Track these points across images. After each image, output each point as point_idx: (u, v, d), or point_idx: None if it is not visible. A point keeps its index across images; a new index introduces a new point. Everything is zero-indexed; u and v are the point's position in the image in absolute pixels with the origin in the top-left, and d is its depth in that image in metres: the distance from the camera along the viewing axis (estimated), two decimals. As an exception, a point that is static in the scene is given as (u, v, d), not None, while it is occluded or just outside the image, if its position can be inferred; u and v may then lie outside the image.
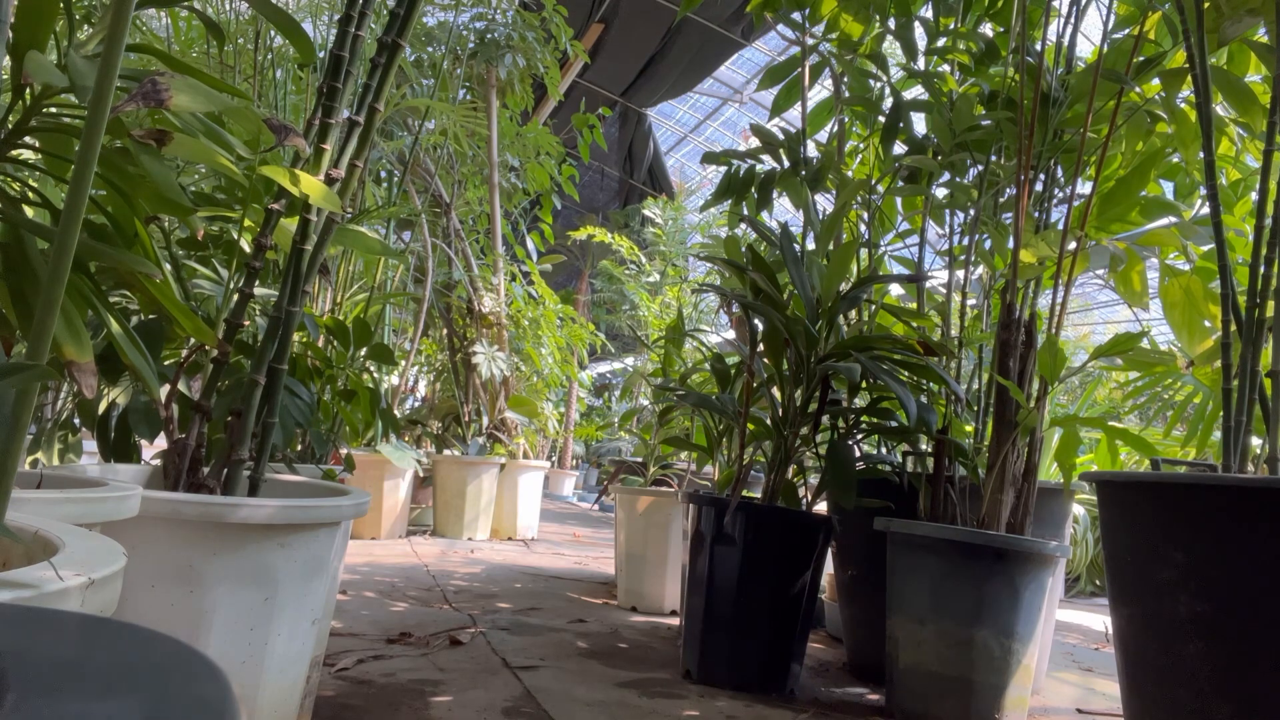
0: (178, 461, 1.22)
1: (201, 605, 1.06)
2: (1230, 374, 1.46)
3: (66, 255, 0.48)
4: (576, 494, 9.29)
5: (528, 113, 5.01)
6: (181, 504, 1.06)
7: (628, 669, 1.91)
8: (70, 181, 0.49)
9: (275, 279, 1.72)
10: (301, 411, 1.60)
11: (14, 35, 0.91)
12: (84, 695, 0.25)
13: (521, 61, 4.51)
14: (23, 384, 0.49)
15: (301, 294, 1.30)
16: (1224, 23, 1.67)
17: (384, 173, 4.34)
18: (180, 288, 1.48)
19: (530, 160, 4.78)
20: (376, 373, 3.31)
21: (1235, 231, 1.95)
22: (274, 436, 1.31)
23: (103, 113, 0.49)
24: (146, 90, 0.85)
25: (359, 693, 1.54)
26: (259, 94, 3.24)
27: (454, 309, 4.58)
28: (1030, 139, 1.91)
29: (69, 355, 0.88)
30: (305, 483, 1.48)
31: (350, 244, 1.73)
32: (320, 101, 1.31)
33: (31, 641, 0.31)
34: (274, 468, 1.54)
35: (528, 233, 5.24)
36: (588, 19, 6.34)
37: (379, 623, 2.12)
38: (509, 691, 1.62)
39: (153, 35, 3.18)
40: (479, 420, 4.50)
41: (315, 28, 3.58)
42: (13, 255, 0.95)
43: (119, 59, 0.49)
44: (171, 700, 0.26)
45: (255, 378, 1.25)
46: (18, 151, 1.06)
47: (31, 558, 0.55)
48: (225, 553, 1.07)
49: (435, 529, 4.23)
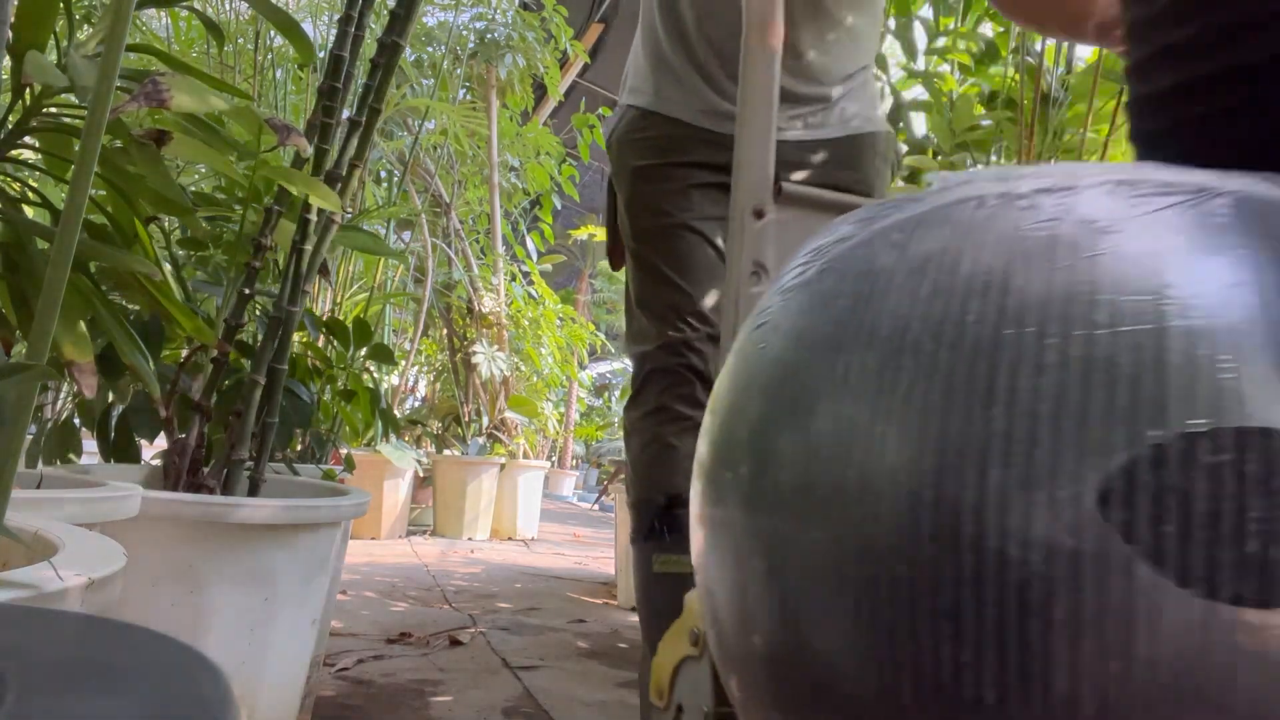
0: (178, 461, 1.22)
1: (201, 605, 1.06)
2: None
3: (66, 255, 0.48)
4: (576, 494, 9.29)
5: (528, 113, 5.01)
6: (182, 504, 1.06)
7: (628, 669, 1.91)
8: (70, 181, 0.49)
9: (275, 279, 1.72)
10: (301, 411, 1.60)
11: (14, 35, 0.91)
12: (84, 695, 0.25)
13: (521, 61, 4.51)
14: (23, 384, 0.49)
15: (301, 294, 1.30)
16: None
17: (384, 173, 4.34)
18: (180, 288, 1.48)
19: (530, 160, 4.78)
20: (376, 373, 3.31)
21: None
22: (274, 436, 1.31)
23: (103, 113, 0.49)
24: (147, 91, 0.85)
25: (359, 693, 1.54)
26: (259, 94, 3.24)
27: (454, 309, 4.58)
28: (1030, 139, 1.91)
29: (69, 355, 0.88)
30: (305, 483, 1.48)
31: (350, 244, 1.72)
32: (320, 101, 1.31)
33: (31, 641, 0.31)
34: (274, 468, 1.54)
35: (528, 233, 5.24)
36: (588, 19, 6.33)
37: (379, 623, 2.13)
38: (509, 691, 1.62)
39: (153, 35, 3.19)
40: (479, 420, 4.50)
41: (315, 28, 3.58)
42: (13, 255, 0.95)
43: (119, 59, 0.49)
44: (171, 700, 0.26)
45: (255, 378, 1.25)
46: (18, 151, 1.06)
47: (31, 558, 0.55)
48: (225, 553, 1.07)
49: (435, 529, 4.23)
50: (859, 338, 0.38)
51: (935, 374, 0.35)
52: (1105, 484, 0.31)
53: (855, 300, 0.39)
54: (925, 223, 0.40)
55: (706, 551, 0.46)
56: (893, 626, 0.35)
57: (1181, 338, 0.32)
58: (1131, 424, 0.31)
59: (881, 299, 0.38)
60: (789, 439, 0.40)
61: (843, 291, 0.40)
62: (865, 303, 0.39)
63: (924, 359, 0.35)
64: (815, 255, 0.44)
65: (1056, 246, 0.35)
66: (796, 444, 0.39)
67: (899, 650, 0.35)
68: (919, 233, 0.39)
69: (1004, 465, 0.32)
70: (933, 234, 0.39)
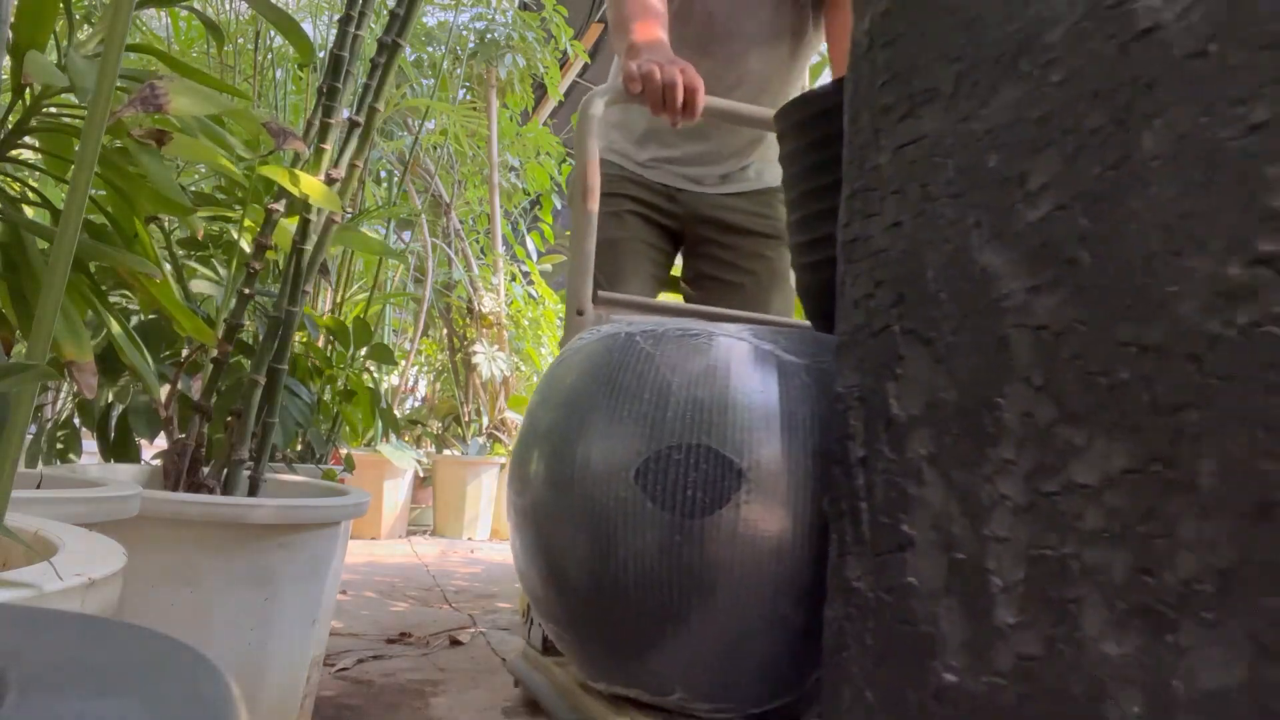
0: (178, 461, 1.22)
1: (202, 605, 1.06)
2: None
3: (66, 255, 0.48)
4: (576, 494, 9.28)
5: (528, 113, 5.01)
6: (182, 504, 1.06)
7: (628, 669, 1.91)
8: (70, 181, 0.49)
9: (275, 279, 1.72)
10: (301, 411, 1.60)
11: (14, 35, 0.91)
12: (84, 695, 0.25)
13: (521, 61, 4.51)
14: (23, 384, 0.49)
15: (301, 294, 1.30)
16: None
17: (384, 173, 4.34)
18: (180, 288, 1.48)
19: (530, 160, 4.78)
20: (376, 373, 3.31)
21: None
22: (274, 436, 1.31)
23: (103, 113, 0.49)
24: (145, 95, 0.85)
25: (359, 693, 1.54)
26: (259, 94, 3.24)
27: (454, 309, 4.58)
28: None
29: (69, 355, 0.88)
30: (305, 483, 1.48)
31: (350, 244, 1.73)
32: (320, 101, 1.31)
33: (31, 641, 0.31)
34: (274, 468, 1.54)
35: (528, 233, 5.24)
36: (588, 19, 6.33)
37: (379, 623, 2.13)
38: (509, 691, 1.62)
39: (153, 35, 3.19)
40: (479, 420, 4.50)
41: (315, 28, 3.58)
42: (13, 255, 0.95)
43: (119, 59, 0.49)
44: (171, 700, 0.26)
45: (255, 378, 1.25)
46: (18, 151, 1.06)
47: (31, 558, 0.55)
48: (225, 553, 1.07)
49: (435, 529, 4.23)
50: (603, 389, 0.77)
51: (582, 417, 0.77)
52: (638, 470, 0.72)
53: (596, 367, 0.79)
54: (631, 338, 0.81)
55: (515, 528, 0.85)
56: (594, 545, 0.74)
57: (683, 405, 0.73)
58: (650, 443, 0.72)
59: (606, 370, 0.78)
60: (566, 440, 0.78)
61: (595, 361, 0.80)
62: (601, 370, 0.79)
63: (579, 410, 0.77)
64: (589, 335, 0.85)
65: (668, 361, 0.77)
66: (568, 444, 0.78)
67: (596, 558, 0.73)
68: (633, 342, 0.80)
69: (615, 458, 0.74)
70: (638, 346, 0.79)
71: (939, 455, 0.57)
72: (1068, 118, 0.50)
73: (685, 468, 0.68)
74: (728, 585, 0.67)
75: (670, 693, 0.73)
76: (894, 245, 0.63)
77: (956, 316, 0.57)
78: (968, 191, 0.57)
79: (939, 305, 0.58)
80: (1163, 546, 0.42)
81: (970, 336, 0.56)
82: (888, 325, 0.62)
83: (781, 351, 0.72)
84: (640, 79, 1.16)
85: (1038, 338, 0.50)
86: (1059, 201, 0.50)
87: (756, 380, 0.70)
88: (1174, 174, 0.44)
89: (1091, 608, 0.45)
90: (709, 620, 0.67)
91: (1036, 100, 0.53)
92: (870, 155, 0.67)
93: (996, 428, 0.53)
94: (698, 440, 0.67)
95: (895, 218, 0.64)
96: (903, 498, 0.59)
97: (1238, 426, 0.40)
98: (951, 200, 0.58)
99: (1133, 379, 0.45)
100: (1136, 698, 0.43)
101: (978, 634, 0.52)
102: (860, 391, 0.64)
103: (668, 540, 0.67)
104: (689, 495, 0.67)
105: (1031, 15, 0.53)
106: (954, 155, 0.59)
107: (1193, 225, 0.43)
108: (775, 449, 0.68)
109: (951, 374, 0.57)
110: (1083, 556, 0.46)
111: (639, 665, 0.73)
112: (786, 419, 0.69)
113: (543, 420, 0.77)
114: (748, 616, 0.67)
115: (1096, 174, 0.48)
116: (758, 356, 0.71)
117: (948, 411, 0.57)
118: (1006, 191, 0.54)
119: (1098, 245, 0.48)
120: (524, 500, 0.77)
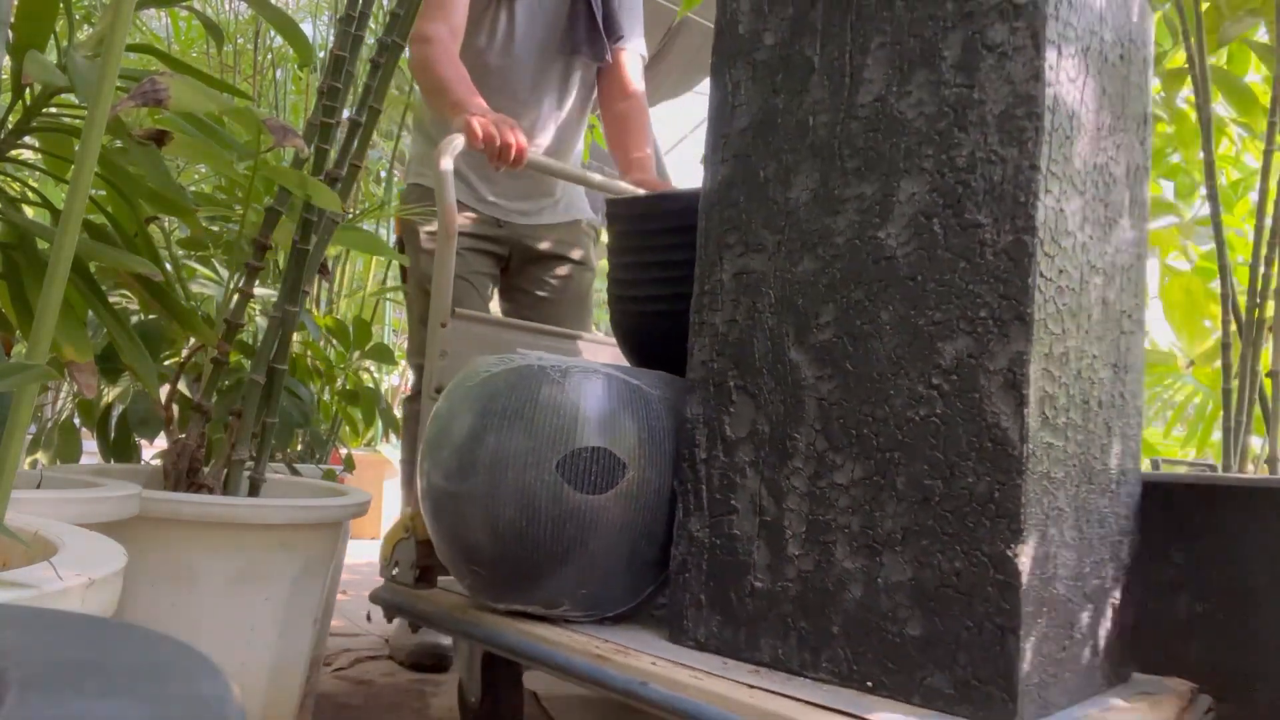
0: (178, 461, 1.22)
1: (202, 605, 1.06)
2: (1230, 374, 1.46)
3: (66, 255, 0.48)
4: (576, 494, 9.28)
5: (528, 113, 5.00)
6: (181, 504, 1.06)
7: (628, 669, 1.91)
8: (70, 181, 0.49)
9: (275, 279, 1.72)
10: (301, 411, 1.60)
11: (14, 35, 0.91)
12: (84, 695, 0.25)
13: (521, 61, 4.50)
14: (23, 384, 0.49)
15: (301, 294, 1.30)
16: (1224, 23, 1.67)
17: (384, 173, 4.34)
18: (180, 288, 1.48)
19: (530, 160, 4.77)
20: (376, 372, 3.31)
21: (1235, 232, 1.95)
22: (274, 436, 1.31)
23: (103, 113, 0.49)
24: (146, 90, 0.85)
25: (359, 693, 1.54)
26: (259, 94, 3.24)
27: (454, 309, 4.58)
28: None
29: (69, 355, 0.88)
30: (305, 483, 1.48)
31: (350, 244, 1.73)
32: (321, 102, 1.31)
33: (31, 641, 0.31)
34: (274, 468, 1.54)
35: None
36: (588, 19, 6.32)
37: (379, 622, 2.12)
38: (509, 691, 1.62)
39: (153, 35, 3.19)
40: (479, 420, 4.50)
41: (315, 28, 3.58)
42: (13, 255, 0.95)
43: (119, 59, 0.49)
44: (171, 700, 0.26)
45: (255, 378, 1.25)
46: (18, 151, 1.06)
47: (31, 558, 0.55)
48: (225, 553, 1.07)
49: (435, 529, 4.22)
50: (498, 406, 1.02)
51: (511, 425, 1.00)
52: (559, 462, 0.98)
53: (517, 389, 1.02)
54: (544, 370, 1.04)
55: (426, 500, 1.08)
56: (522, 511, 0.99)
57: (587, 420, 1.01)
58: (566, 445, 0.99)
59: (528, 392, 1.02)
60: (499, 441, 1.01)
61: (517, 383, 1.02)
62: (524, 391, 1.02)
63: (509, 420, 1.01)
64: (501, 363, 1.07)
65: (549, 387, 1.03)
66: (504, 443, 1.01)
67: (524, 520, 0.99)
68: (545, 372, 1.04)
69: (542, 454, 1.00)
70: (550, 376, 1.03)
71: (756, 461, 0.94)
72: (842, 288, 0.89)
73: (590, 461, 0.99)
74: (610, 533, 1.00)
75: (559, 606, 1.04)
76: (731, 333, 0.98)
77: (772, 384, 0.94)
78: (781, 314, 0.94)
79: (761, 375, 0.95)
80: (877, 517, 0.84)
81: (780, 397, 0.93)
82: (725, 380, 0.98)
83: (647, 387, 1.06)
84: (483, 138, 1.44)
85: (819, 403, 0.90)
86: (835, 333, 0.89)
87: (632, 405, 1.03)
88: (895, 335, 0.85)
89: (839, 545, 0.86)
90: (596, 556, 1.00)
91: (825, 273, 0.91)
92: (715, 271, 1.00)
93: (792, 449, 0.91)
94: (597, 444, 0.99)
95: (732, 316, 0.98)
96: (731, 485, 0.96)
97: (918, 462, 0.83)
98: (771, 315, 0.95)
99: (868, 432, 0.86)
100: (859, 589, 0.85)
101: (775, 560, 0.91)
102: (704, 419, 0.99)
103: (577, 507, 0.99)
104: (591, 479, 0.99)
105: (825, 224, 0.92)
106: (773, 289, 0.95)
107: (904, 361, 0.84)
108: (646, 450, 1.02)
109: (767, 416, 0.93)
110: (836, 520, 0.87)
111: (539, 589, 1.03)
112: (652, 432, 1.03)
113: (472, 425, 1.03)
114: (621, 553, 1.02)
115: (858, 324, 0.88)
116: (631, 389, 1.04)
117: (763, 437, 0.93)
118: (806, 320, 0.92)
119: (855, 360, 0.88)
120: (467, 484, 1.02)
